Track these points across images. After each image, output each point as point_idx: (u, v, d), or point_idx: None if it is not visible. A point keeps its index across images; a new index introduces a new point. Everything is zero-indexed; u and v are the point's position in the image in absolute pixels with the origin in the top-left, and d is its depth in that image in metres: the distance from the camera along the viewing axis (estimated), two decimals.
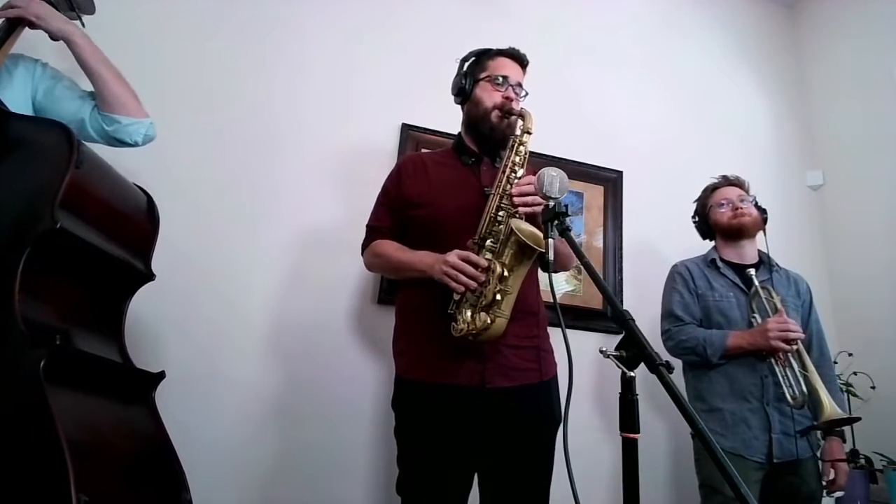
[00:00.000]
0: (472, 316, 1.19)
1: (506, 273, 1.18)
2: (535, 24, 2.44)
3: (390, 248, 1.39)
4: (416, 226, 1.39)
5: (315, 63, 2.10)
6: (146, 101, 1.81)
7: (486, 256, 1.22)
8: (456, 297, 1.22)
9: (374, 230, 1.47)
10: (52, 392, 0.85)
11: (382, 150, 2.07)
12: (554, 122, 2.16)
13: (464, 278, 1.18)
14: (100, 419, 0.99)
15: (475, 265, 1.19)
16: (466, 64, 1.48)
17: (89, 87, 1.34)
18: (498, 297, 1.18)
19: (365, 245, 1.48)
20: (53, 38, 1.25)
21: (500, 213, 1.26)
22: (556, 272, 1.45)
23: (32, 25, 1.26)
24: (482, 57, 1.48)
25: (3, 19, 1.25)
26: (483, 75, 1.44)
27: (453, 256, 1.21)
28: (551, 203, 1.08)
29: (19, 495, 0.80)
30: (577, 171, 2.24)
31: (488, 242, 1.24)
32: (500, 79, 1.42)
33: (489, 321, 1.17)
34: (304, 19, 2.13)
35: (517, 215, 1.25)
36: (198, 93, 1.92)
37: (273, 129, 1.98)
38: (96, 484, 0.84)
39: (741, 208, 1.80)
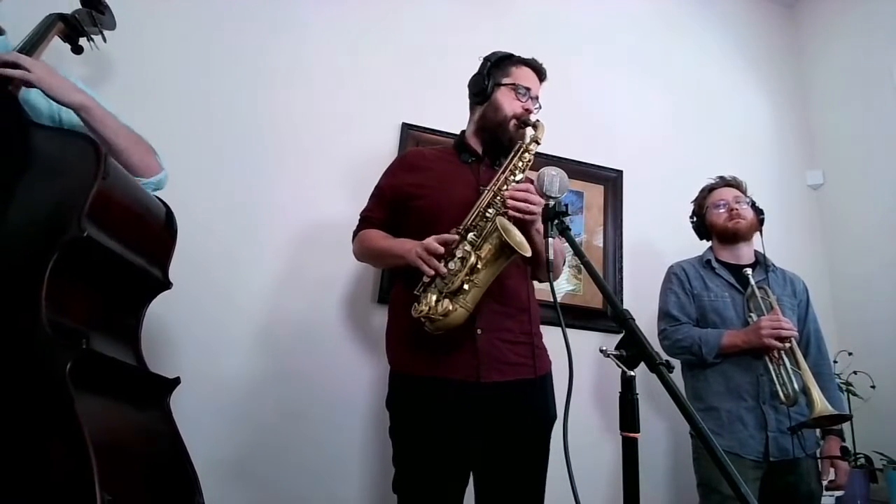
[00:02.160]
0: (435, 301, 1.20)
1: (479, 265, 1.19)
2: (535, 24, 2.44)
3: (376, 236, 1.42)
4: (411, 217, 1.40)
5: (315, 63, 2.10)
6: (146, 104, 1.83)
7: (465, 248, 1.22)
8: (426, 279, 1.23)
9: (365, 220, 1.49)
10: (77, 394, 0.87)
11: (383, 149, 2.07)
12: (554, 122, 2.14)
13: (434, 261, 1.20)
14: (121, 422, 1.01)
15: (446, 243, 1.21)
16: (489, 64, 1.46)
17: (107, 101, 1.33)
18: (465, 286, 1.18)
19: (355, 233, 1.50)
20: (67, 107, 1.20)
21: (490, 210, 1.27)
22: (541, 281, 1.46)
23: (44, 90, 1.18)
24: (505, 61, 1.47)
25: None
26: (506, 81, 1.44)
27: (429, 239, 1.22)
28: (551, 202, 1.08)
29: (45, 493, 0.82)
30: (577, 170, 2.24)
31: (471, 235, 1.25)
32: (524, 90, 1.42)
33: (450, 309, 1.18)
34: (303, 19, 2.13)
35: (506, 217, 1.25)
36: (198, 95, 1.92)
37: (273, 130, 1.98)
38: (118, 484, 0.86)
39: (737, 210, 1.80)
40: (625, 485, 0.79)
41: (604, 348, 0.84)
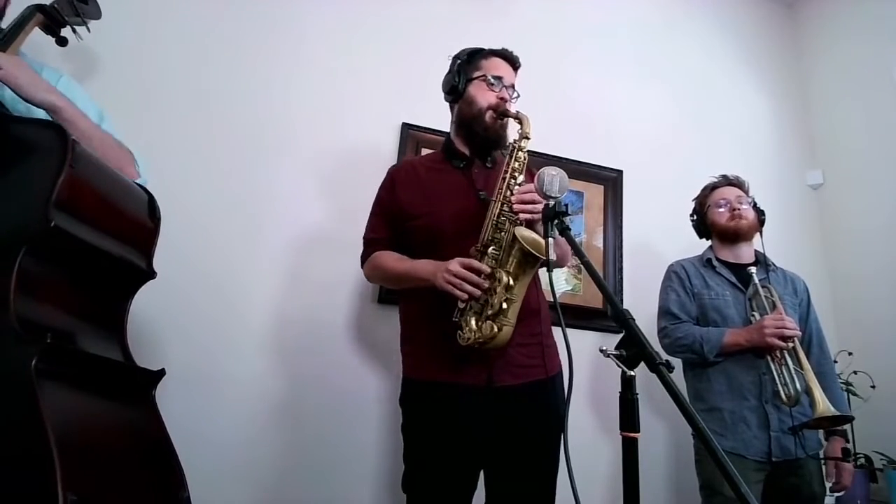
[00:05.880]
0: (477, 324, 1.19)
1: (511, 282, 1.18)
2: (535, 23, 2.44)
3: (390, 260, 1.39)
4: (415, 236, 1.39)
5: (314, 62, 2.09)
6: (144, 104, 1.83)
7: (490, 264, 1.21)
8: (461, 305, 1.22)
9: (372, 242, 1.45)
10: (43, 390, 0.85)
11: (382, 149, 2.07)
12: (554, 122, 2.17)
13: (468, 287, 1.18)
14: (96, 418, 0.99)
15: (478, 271, 1.19)
16: (458, 62, 1.46)
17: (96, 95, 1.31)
18: (504, 305, 1.18)
19: (364, 258, 1.47)
20: (37, 107, 1.16)
21: (502, 220, 1.26)
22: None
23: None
24: (475, 56, 1.46)
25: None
26: (477, 74, 1.43)
27: (455, 265, 1.20)
28: (551, 202, 1.08)
29: (5, 493, 0.79)
30: (577, 170, 2.24)
31: (491, 249, 1.24)
32: (494, 79, 1.41)
33: (496, 329, 1.17)
34: (303, 19, 2.12)
35: (519, 222, 1.24)
36: (195, 93, 1.92)
37: (272, 129, 1.97)
38: (88, 483, 0.83)
39: (738, 210, 1.79)
40: (625, 485, 0.79)
41: (604, 348, 0.83)
